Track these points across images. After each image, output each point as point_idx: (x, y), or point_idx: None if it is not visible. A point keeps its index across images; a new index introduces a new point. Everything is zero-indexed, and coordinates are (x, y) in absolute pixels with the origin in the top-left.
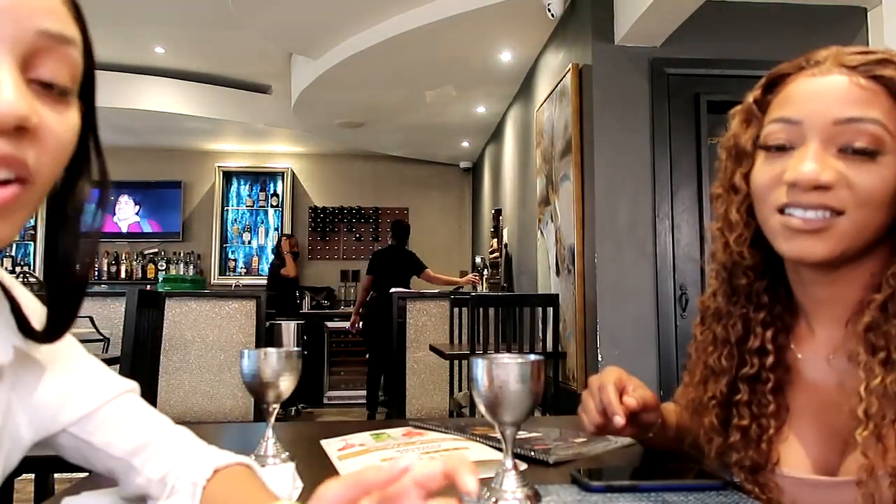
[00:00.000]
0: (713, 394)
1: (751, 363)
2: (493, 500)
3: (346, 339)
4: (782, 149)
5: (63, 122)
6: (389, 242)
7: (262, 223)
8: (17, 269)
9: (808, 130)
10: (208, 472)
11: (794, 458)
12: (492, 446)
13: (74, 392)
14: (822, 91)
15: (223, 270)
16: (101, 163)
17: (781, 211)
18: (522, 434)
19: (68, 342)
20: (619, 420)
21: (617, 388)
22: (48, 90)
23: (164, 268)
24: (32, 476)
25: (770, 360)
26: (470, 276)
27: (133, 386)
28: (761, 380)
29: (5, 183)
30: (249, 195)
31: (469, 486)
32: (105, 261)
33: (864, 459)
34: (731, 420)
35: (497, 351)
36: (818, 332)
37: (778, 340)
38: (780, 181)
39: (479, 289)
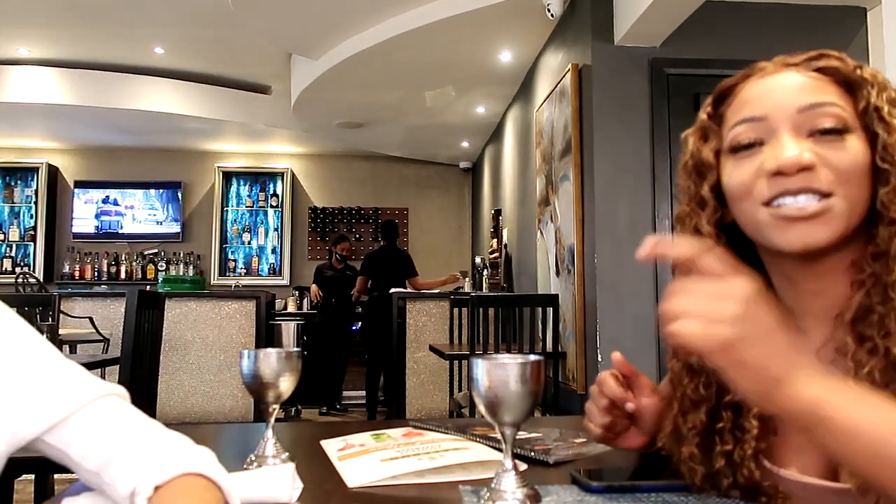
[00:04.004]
0: (693, 424)
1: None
2: (493, 500)
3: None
4: (751, 147)
5: None
6: (381, 243)
7: (261, 223)
8: (17, 269)
9: (775, 123)
10: (148, 490)
11: (799, 464)
12: (492, 447)
13: (41, 400)
14: (778, 86)
15: (223, 271)
16: None
17: (768, 204)
18: (522, 434)
19: (35, 348)
20: (630, 405)
21: (616, 380)
22: None
23: (163, 268)
24: (32, 477)
25: None
26: (450, 275)
27: (112, 390)
28: (746, 405)
29: None
30: (249, 195)
31: None
32: (105, 261)
33: None
34: (713, 447)
35: (497, 351)
36: (809, 329)
37: None
38: (759, 175)
39: (467, 287)
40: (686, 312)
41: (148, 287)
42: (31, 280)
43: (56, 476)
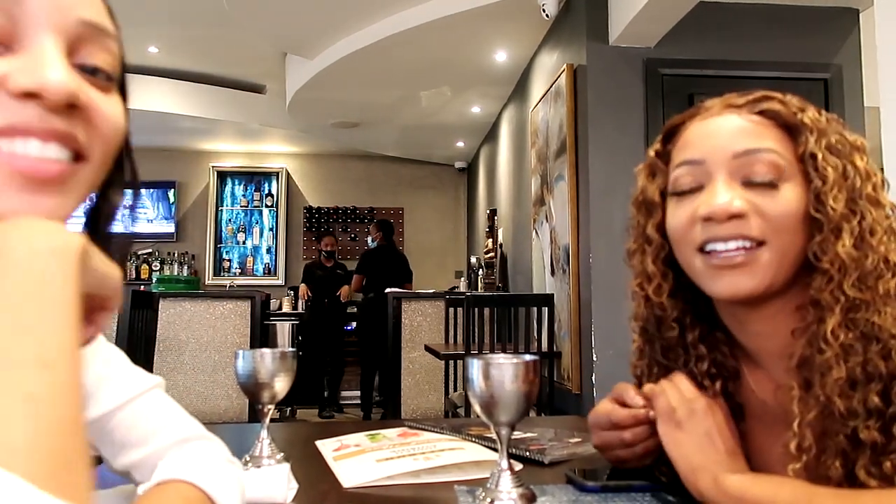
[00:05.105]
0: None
1: None
2: (489, 500)
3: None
4: (691, 191)
5: (111, 106)
6: (378, 242)
7: (256, 223)
8: None
9: (711, 167)
10: (149, 485)
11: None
12: (487, 447)
13: (101, 385)
14: (716, 129)
15: (217, 271)
16: (131, 162)
17: (701, 249)
18: (518, 434)
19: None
20: (639, 400)
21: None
22: (94, 75)
23: (157, 268)
24: None
25: None
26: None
27: (156, 381)
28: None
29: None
30: (244, 195)
31: None
32: None
33: None
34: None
35: (492, 351)
36: (771, 368)
37: (728, 389)
38: (695, 219)
39: (462, 286)
40: (664, 392)
41: (142, 287)
42: None
43: None
